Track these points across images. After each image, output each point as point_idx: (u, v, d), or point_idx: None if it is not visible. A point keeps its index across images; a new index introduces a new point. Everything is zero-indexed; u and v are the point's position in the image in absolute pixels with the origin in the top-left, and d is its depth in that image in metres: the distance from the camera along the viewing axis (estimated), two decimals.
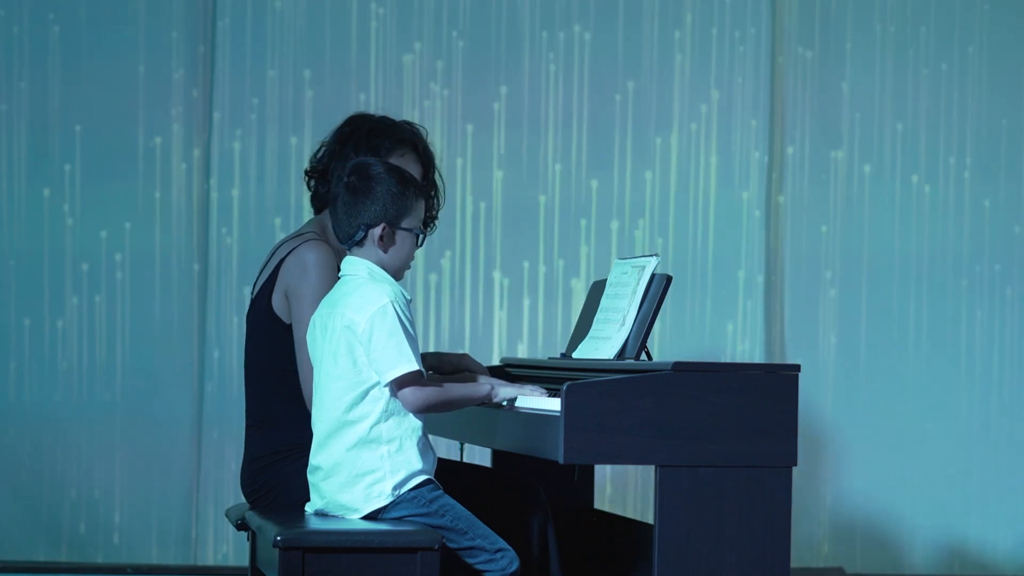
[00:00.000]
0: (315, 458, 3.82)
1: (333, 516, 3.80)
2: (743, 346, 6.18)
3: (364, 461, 3.74)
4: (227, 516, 4.29)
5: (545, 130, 6.21)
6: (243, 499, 4.26)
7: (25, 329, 6.11)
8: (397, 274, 3.86)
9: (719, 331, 6.19)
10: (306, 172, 4.30)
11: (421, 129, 4.30)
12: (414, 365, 3.72)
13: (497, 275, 6.20)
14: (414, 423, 3.77)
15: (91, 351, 6.12)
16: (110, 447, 6.10)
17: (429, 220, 4.27)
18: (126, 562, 6.06)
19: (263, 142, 6.14)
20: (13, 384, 6.10)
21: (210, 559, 6.06)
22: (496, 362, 6.12)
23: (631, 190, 6.20)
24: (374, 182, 3.81)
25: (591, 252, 6.20)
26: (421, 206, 3.88)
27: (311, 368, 3.96)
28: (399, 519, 3.74)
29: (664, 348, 6.14)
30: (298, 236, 4.19)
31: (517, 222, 6.20)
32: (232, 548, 6.02)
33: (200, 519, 6.07)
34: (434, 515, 3.75)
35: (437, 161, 4.33)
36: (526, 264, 6.21)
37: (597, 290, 4.35)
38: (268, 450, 4.13)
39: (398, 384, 3.73)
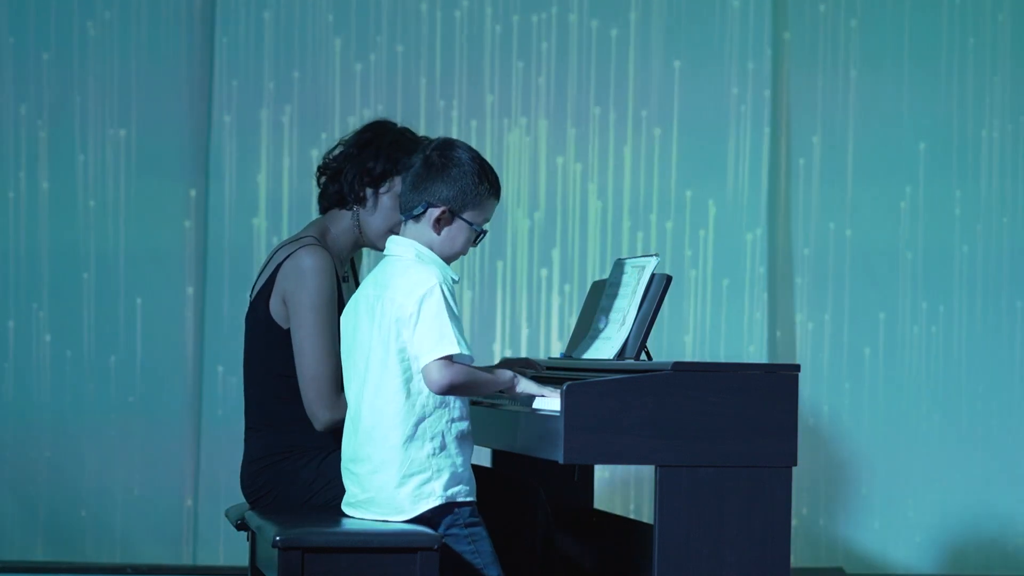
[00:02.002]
0: (362, 448, 3.75)
1: (369, 518, 3.77)
2: (746, 346, 6.18)
3: (413, 460, 3.70)
4: (227, 516, 4.29)
5: None
6: (243, 499, 4.26)
7: (23, 329, 6.11)
8: (445, 262, 3.81)
9: (720, 330, 6.19)
10: (319, 169, 4.29)
11: None
12: (454, 347, 3.65)
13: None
14: (453, 414, 3.74)
15: (90, 350, 6.12)
16: (109, 446, 6.10)
17: None
18: (126, 562, 6.06)
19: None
20: (12, 384, 6.10)
21: (210, 559, 6.06)
22: (496, 342, 6.14)
23: None
24: (453, 165, 3.77)
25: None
26: (491, 205, 3.82)
27: (314, 371, 3.96)
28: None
29: (664, 348, 6.14)
30: (296, 240, 4.18)
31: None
32: (232, 548, 6.02)
33: (200, 519, 6.07)
34: (461, 539, 3.74)
35: None
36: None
37: (597, 290, 4.35)
38: (268, 451, 4.13)
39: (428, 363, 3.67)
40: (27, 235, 6.12)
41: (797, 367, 3.73)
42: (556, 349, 6.13)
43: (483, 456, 5.05)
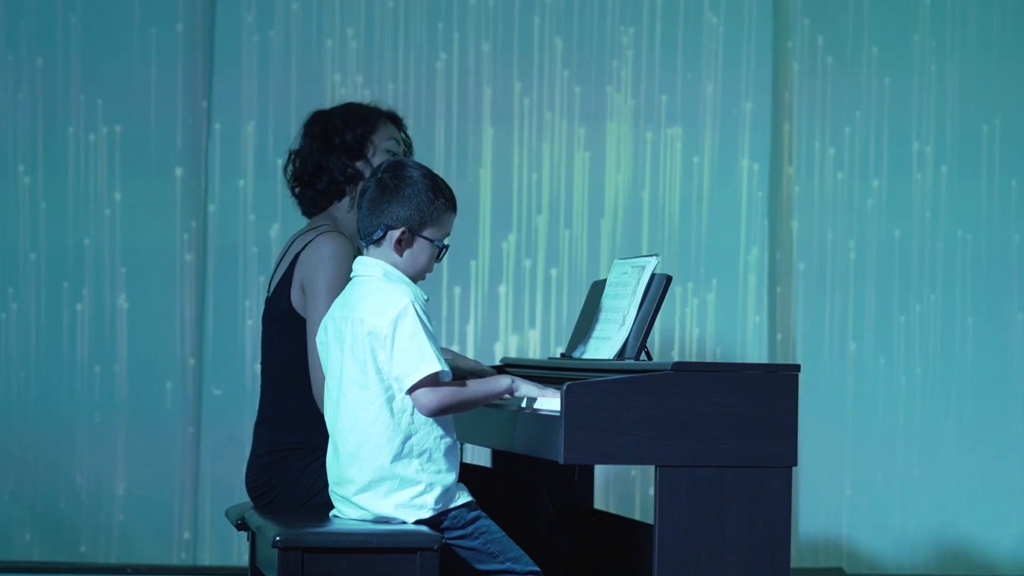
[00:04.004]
0: (346, 471, 3.74)
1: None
2: (747, 343, 6.18)
3: (403, 478, 3.70)
4: (227, 516, 4.29)
5: None
6: (243, 498, 4.26)
7: (24, 327, 6.11)
8: (413, 280, 3.80)
9: (721, 330, 6.19)
10: (293, 181, 4.28)
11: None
12: (435, 366, 3.66)
13: None
14: (439, 430, 3.73)
15: (90, 350, 6.11)
16: (110, 446, 6.10)
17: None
18: (126, 562, 6.06)
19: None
20: (13, 384, 6.10)
21: (210, 559, 6.06)
22: (498, 339, 6.15)
23: None
24: (406, 184, 3.76)
25: None
26: (450, 219, 3.81)
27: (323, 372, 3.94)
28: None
29: (663, 348, 6.14)
30: (312, 229, 4.16)
31: None
32: (232, 548, 6.02)
33: (200, 519, 6.07)
34: (468, 537, 3.74)
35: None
36: None
37: (597, 290, 4.35)
38: (275, 447, 4.12)
39: (415, 388, 3.68)
40: (17, 227, 6.13)
41: (797, 367, 3.73)
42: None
43: (483, 456, 5.05)
